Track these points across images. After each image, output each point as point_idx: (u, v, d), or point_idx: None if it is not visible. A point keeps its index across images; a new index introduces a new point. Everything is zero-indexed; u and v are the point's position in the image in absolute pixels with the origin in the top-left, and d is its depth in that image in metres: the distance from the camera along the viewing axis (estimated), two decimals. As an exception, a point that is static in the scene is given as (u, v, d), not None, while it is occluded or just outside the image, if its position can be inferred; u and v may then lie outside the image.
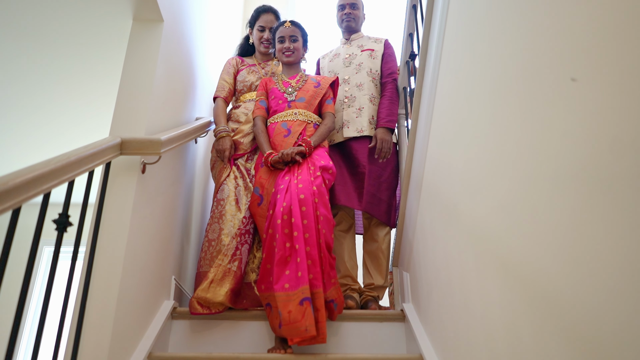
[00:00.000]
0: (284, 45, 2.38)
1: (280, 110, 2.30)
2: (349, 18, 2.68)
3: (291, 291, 1.73)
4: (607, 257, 0.65)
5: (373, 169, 2.34)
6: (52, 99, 2.77)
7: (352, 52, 2.63)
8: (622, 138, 0.62)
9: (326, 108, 2.35)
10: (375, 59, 2.60)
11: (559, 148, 0.80)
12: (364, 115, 2.45)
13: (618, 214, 0.63)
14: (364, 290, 2.29)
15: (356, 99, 2.48)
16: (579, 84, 0.76)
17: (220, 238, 2.05)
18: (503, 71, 1.07)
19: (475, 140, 1.24)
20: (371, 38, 2.69)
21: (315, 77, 2.44)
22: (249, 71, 2.48)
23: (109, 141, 1.47)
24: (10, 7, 1.95)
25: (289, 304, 1.71)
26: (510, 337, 0.99)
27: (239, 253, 2.02)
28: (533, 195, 0.89)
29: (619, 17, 0.65)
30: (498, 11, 1.11)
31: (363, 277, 2.36)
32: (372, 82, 2.54)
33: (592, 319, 0.69)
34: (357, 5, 2.72)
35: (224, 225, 2.08)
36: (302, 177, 1.99)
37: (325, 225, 1.90)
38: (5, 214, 0.96)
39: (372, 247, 2.35)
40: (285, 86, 2.37)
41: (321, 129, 2.25)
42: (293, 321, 1.68)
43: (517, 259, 0.97)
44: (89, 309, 1.41)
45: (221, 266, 1.96)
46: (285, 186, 1.97)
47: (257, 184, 2.13)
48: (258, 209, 2.08)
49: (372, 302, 2.22)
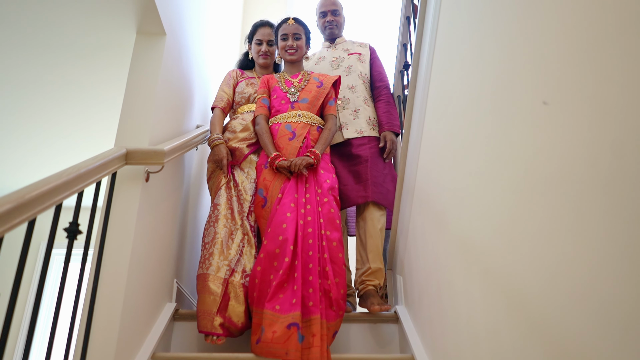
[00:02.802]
0: (287, 43, 2.37)
1: (283, 110, 2.28)
2: (332, 25, 2.70)
3: (281, 314, 1.71)
4: (575, 264, 0.73)
5: (376, 162, 2.34)
6: (58, 107, 2.85)
7: (339, 55, 2.64)
8: (589, 156, 0.70)
9: (329, 110, 2.33)
10: (364, 62, 2.61)
11: (533, 163, 0.87)
12: (361, 116, 2.45)
13: (585, 225, 0.70)
14: (363, 279, 2.17)
15: (350, 101, 2.49)
16: (549, 107, 0.84)
17: (215, 241, 2.05)
18: (482, 90, 1.14)
19: (461, 152, 1.32)
20: (355, 42, 2.71)
21: (318, 76, 2.40)
22: (248, 83, 2.50)
23: (115, 152, 1.55)
24: (21, 21, 2.02)
25: (276, 324, 1.69)
26: (492, 339, 1.06)
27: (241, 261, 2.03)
28: (512, 206, 0.97)
29: (585, 48, 0.73)
30: (478, 33, 1.19)
31: (357, 264, 2.26)
32: (363, 85, 2.55)
33: (563, 323, 0.76)
34: (338, 12, 2.73)
35: (219, 229, 2.08)
36: (311, 206, 1.97)
37: (338, 250, 1.92)
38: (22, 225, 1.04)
39: (367, 227, 2.25)
40: (288, 85, 2.35)
41: (325, 135, 2.23)
42: (275, 341, 1.65)
43: (498, 266, 1.04)
44: (97, 311, 1.48)
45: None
46: (292, 215, 1.94)
47: (260, 186, 2.12)
48: (262, 211, 2.08)
49: (372, 297, 2.08)
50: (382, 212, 2.29)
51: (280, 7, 4.17)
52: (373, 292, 2.10)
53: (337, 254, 1.92)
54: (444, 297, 1.45)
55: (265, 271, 1.85)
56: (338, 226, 2.00)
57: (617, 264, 0.62)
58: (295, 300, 1.73)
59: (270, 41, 2.52)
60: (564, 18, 0.78)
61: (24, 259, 1.05)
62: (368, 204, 2.28)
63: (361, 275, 2.17)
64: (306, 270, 1.82)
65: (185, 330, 2.03)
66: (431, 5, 1.68)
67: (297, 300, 1.72)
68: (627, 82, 0.61)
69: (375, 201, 2.24)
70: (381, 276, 2.16)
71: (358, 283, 2.18)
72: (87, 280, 1.51)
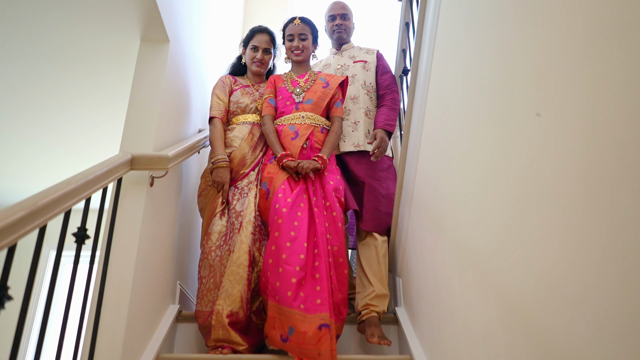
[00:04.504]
0: (293, 44, 2.35)
1: (287, 112, 2.26)
2: (340, 29, 2.62)
3: (307, 313, 1.71)
4: (567, 270, 0.76)
5: (372, 183, 2.29)
6: (65, 112, 2.90)
7: (344, 63, 2.56)
8: (581, 166, 0.74)
9: (335, 112, 2.29)
10: (369, 71, 2.52)
11: (527, 172, 0.91)
12: (360, 129, 2.39)
13: (576, 233, 0.73)
14: (368, 303, 2.04)
15: (351, 112, 2.43)
16: (542, 118, 0.87)
17: (210, 281, 1.99)
18: (479, 97, 1.18)
19: (459, 159, 1.35)
20: (362, 49, 2.62)
21: (325, 77, 2.36)
22: (243, 92, 2.40)
23: (120, 158, 1.58)
24: (32, 31, 2.06)
25: (304, 324, 1.69)
26: (488, 341, 1.09)
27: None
28: (507, 213, 1.00)
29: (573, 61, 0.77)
30: (475, 40, 1.23)
31: (357, 287, 2.17)
32: (366, 95, 2.46)
33: (554, 325, 0.80)
34: (347, 16, 2.66)
35: (216, 269, 2.01)
36: (318, 209, 1.97)
37: (340, 255, 1.93)
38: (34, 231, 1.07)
39: (370, 253, 2.19)
40: (294, 86, 2.33)
41: (331, 138, 2.21)
42: (307, 342, 1.66)
43: (493, 270, 1.07)
44: (104, 312, 1.52)
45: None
46: (303, 214, 1.93)
47: (265, 179, 2.12)
48: (266, 202, 2.07)
49: (374, 326, 1.96)
50: (384, 238, 2.22)
51: (280, 12, 4.20)
52: (376, 321, 1.99)
53: (337, 258, 1.94)
54: (441, 299, 1.49)
55: (275, 264, 1.83)
56: (341, 230, 2.00)
57: (606, 270, 0.65)
58: (320, 300, 1.74)
59: (267, 49, 2.45)
60: (561, 26, 0.81)
61: (35, 265, 1.09)
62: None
63: (365, 297, 2.06)
64: (323, 273, 1.81)
65: (188, 332, 2.06)
66: (430, 12, 1.71)
67: (322, 301, 1.73)
68: (620, 96, 0.64)
69: (369, 230, 2.19)
70: (385, 303, 2.07)
71: (361, 306, 2.06)
72: (94, 282, 1.55)
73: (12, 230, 0.97)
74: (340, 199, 2.08)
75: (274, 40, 2.49)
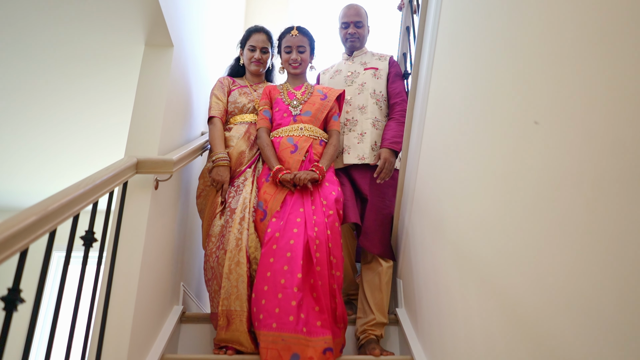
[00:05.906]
0: (291, 56, 2.30)
1: (284, 124, 2.22)
2: (353, 38, 2.52)
3: (310, 337, 1.68)
4: (563, 273, 0.78)
5: (375, 202, 2.21)
6: (74, 120, 2.96)
7: (355, 70, 2.47)
8: (574, 175, 0.77)
9: (332, 125, 2.26)
10: (380, 78, 2.42)
11: (524, 178, 0.93)
12: (366, 141, 2.29)
13: (571, 238, 0.75)
14: (366, 328, 2.03)
15: (358, 123, 2.34)
16: (540, 126, 0.90)
17: (214, 282, 1.99)
18: (479, 102, 1.21)
19: (458, 164, 1.38)
20: (375, 55, 2.52)
21: (322, 89, 2.32)
22: (241, 92, 2.38)
23: (126, 162, 1.61)
24: (37, 34, 2.09)
25: (309, 349, 1.65)
26: (487, 342, 1.12)
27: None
28: (505, 217, 1.02)
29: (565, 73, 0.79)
30: (475, 45, 1.25)
31: (358, 312, 2.13)
32: (375, 105, 2.36)
33: (551, 326, 0.82)
34: (361, 23, 2.52)
35: (216, 270, 2.00)
36: (317, 217, 1.93)
37: (337, 268, 1.89)
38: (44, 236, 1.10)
39: (373, 279, 2.13)
40: (291, 98, 2.28)
41: (329, 150, 2.17)
42: None
43: (492, 273, 1.10)
44: (111, 313, 1.55)
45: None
46: (300, 230, 1.89)
47: (261, 199, 2.06)
48: (261, 225, 2.02)
49: (374, 343, 1.98)
50: (389, 264, 2.15)
51: (281, 14, 4.22)
52: (375, 341, 2.00)
53: (335, 272, 1.90)
54: (441, 301, 1.51)
55: (273, 290, 1.78)
56: (340, 243, 1.96)
57: (599, 273, 0.68)
58: (320, 322, 1.71)
59: (264, 48, 2.42)
60: (558, 33, 0.83)
61: (45, 268, 1.12)
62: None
63: (364, 324, 2.05)
64: (319, 289, 1.79)
65: (192, 332, 2.09)
66: (430, 18, 1.73)
67: (322, 323, 1.71)
68: (613, 106, 0.66)
69: (368, 251, 2.14)
70: (382, 329, 2.06)
71: (360, 332, 2.05)
72: (100, 284, 1.58)
73: (25, 234, 1.00)
74: (339, 210, 2.03)
75: (271, 39, 2.47)
